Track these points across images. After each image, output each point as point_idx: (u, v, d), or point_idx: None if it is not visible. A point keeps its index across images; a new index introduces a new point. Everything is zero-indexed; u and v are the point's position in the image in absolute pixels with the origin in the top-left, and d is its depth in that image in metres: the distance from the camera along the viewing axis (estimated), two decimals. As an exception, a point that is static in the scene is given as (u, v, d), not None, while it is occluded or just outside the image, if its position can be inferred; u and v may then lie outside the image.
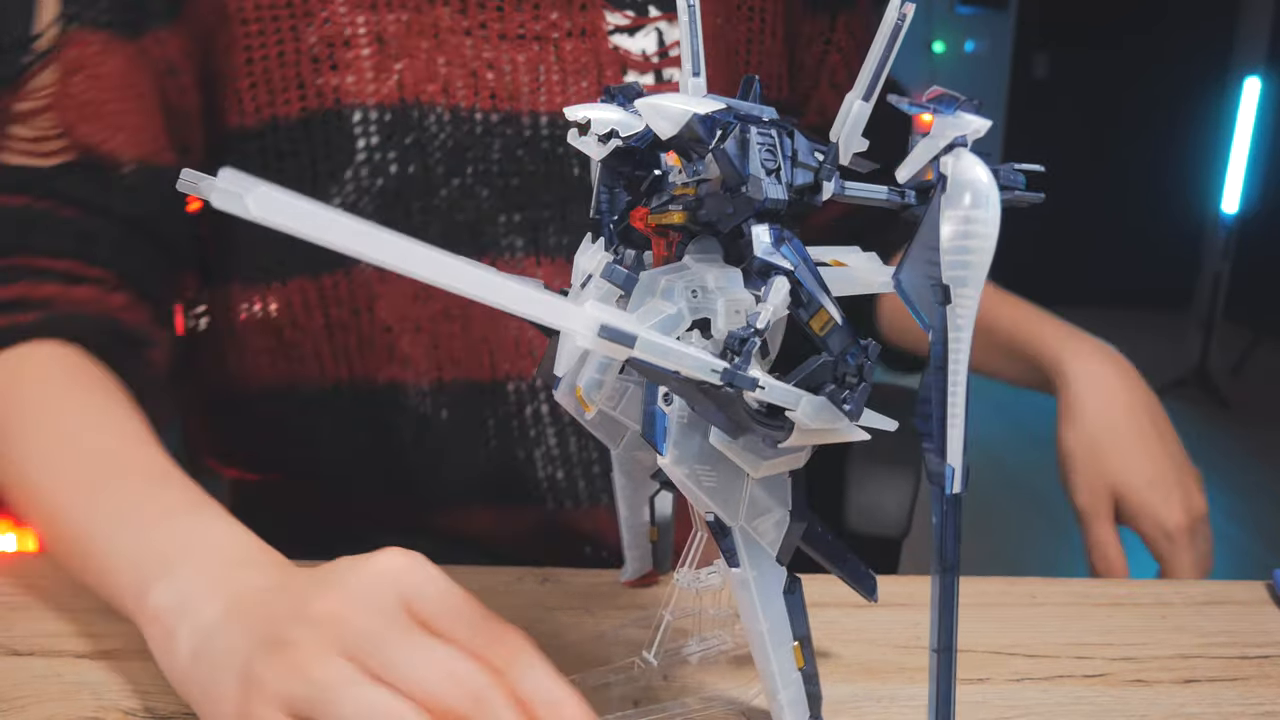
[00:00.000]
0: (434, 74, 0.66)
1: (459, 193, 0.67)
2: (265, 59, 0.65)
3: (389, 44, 0.65)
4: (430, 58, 0.65)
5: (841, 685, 0.49)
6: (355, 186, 0.66)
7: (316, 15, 0.64)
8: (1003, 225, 0.34)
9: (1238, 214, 4.01)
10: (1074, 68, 5.01)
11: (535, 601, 0.57)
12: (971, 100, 0.34)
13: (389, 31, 0.65)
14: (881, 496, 0.83)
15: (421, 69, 0.65)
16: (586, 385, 0.40)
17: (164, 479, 0.52)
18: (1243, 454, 3.29)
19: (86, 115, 0.62)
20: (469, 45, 0.66)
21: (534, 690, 0.37)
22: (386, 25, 0.65)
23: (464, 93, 0.66)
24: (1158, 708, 0.47)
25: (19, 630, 0.52)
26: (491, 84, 0.67)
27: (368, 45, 0.65)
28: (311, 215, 0.27)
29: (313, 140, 0.65)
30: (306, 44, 0.65)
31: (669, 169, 0.39)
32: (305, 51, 0.65)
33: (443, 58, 0.66)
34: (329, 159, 0.65)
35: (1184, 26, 4.91)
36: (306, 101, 0.65)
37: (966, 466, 0.35)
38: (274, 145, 0.66)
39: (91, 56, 0.62)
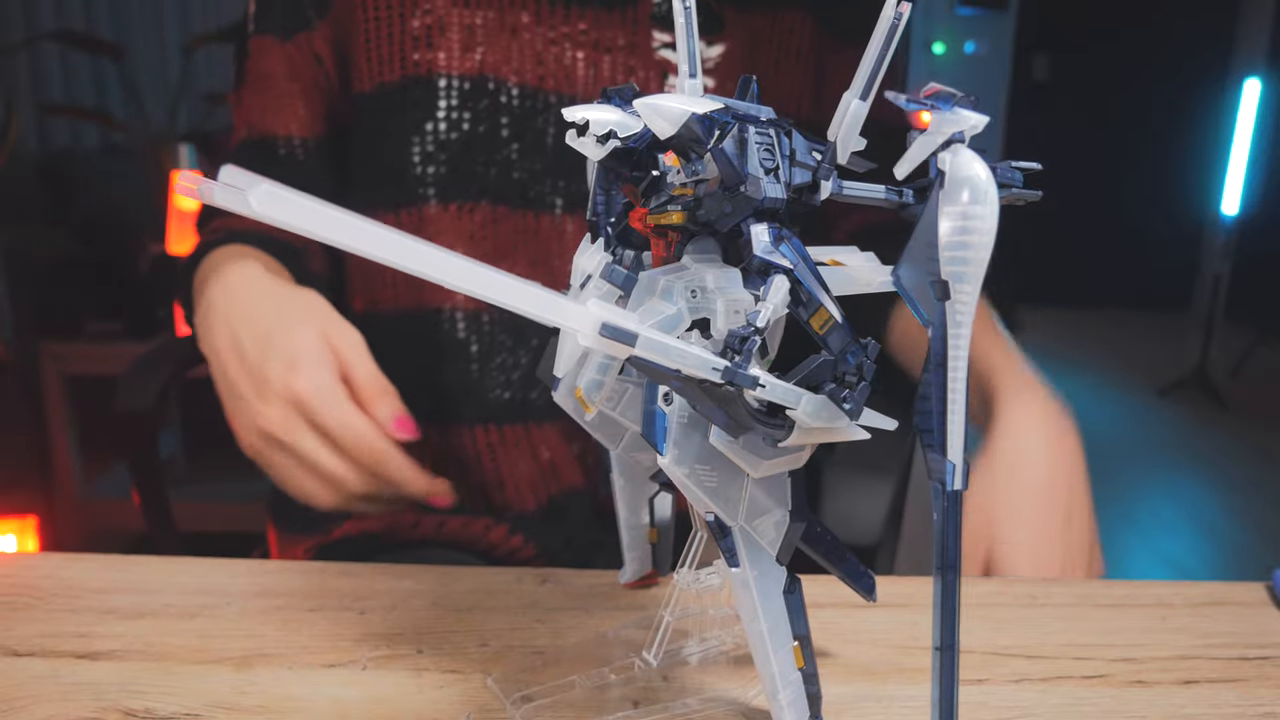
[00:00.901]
0: (508, 58, 0.80)
1: (517, 154, 0.81)
2: (378, 38, 0.81)
3: (475, 33, 0.80)
4: (507, 45, 0.80)
5: (841, 685, 0.49)
6: (435, 138, 0.80)
7: (420, 5, 0.80)
8: (1001, 226, 0.34)
9: (1238, 215, 4.01)
10: (1074, 69, 5.01)
11: (535, 601, 0.57)
12: (968, 96, 0.34)
13: (476, 23, 0.80)
14: (857, 505, 0.83)
15: (499, 53, 0.80)
16: (586, 386, 0.40)
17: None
18: (1243, 454, 3.29)
19: (261, 107, 0.84)
20: (539, 40, 0.81)
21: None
22: (475, 19, 0.80)
23: (530, 74, 0.80)
24: (1157, 709, 0.47)
25: (19, 630, 0.52)
26: (553, 70, 0.81)
27: (457, 32, 0.80)
28: (312, 212, 0.27)
29: (407, 100, 0.80)
30: (409, 27, 0.80)
31: (667, 169, 0.39)
32: (408, 33, 0.80)
33: (516, 46, 0.80)
34: (418, 115, 0.80)
35: (1184, 28, 4.91)
36: (405, 70, 0.80)
37: (967, 464, 0.35)
38: (381, 105, 0.81)
39: (259, 62, 0.84)
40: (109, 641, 0.51)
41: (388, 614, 0.55)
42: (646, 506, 0.53)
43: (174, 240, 2.23)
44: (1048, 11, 4.98)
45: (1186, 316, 4.94)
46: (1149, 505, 2.88)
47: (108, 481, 2.35)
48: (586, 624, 0.54)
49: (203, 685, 0.47)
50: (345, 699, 0.46)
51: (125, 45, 2.86)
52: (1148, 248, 5.03)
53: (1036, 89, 5.08)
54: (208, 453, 2.46)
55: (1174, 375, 3.92)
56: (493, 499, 0.81)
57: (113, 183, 2.66)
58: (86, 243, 2.46)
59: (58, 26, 2.79)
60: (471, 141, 0.81)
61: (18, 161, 2.59)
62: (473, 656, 0.50)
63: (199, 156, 2.26)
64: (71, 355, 2.19)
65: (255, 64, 0.85)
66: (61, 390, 2.18)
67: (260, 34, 0.85)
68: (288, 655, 0.50)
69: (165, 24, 3.00)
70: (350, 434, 0.59)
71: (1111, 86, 5.00)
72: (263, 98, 0.85)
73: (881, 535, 0.83)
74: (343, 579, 0.59)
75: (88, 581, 0.58)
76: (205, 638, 0.52)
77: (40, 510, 2.08)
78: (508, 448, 0.81)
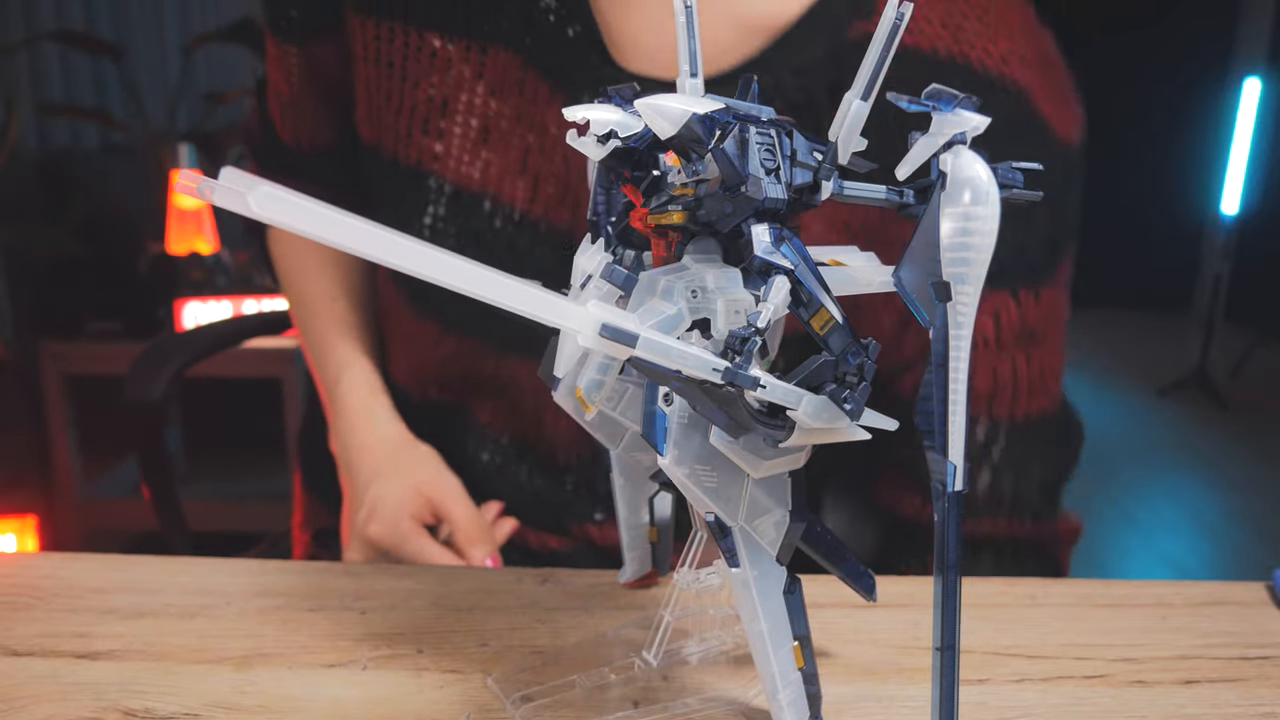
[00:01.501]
0: (514, 174, 0.71)
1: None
2: (378, 100, 0.73)
3: (486, 128, 0.71)
4: (518, 157, 0.71)
5: (841, 685, 0.49)
6: (418, 226, 0.75)
7: (425, 79, 0.71)
8: (1001, 225, 0.34)
9: (1238, 215, 4.01)
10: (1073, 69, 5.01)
11: (535, 601, 0.57)
12: (970, 98, 0.34)
13: (491, 115, 0.70)
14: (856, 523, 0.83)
15: (506, 165, 0.71)
16: (586, 386, 0.40)
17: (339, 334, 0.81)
18: (1243, 454, 3.29)
19: (271, 97, 0.81)
20: (555, 157, 0.70)
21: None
22: (490, 105, 0.70)
23: (536, 203, 0.71)
24: (1157, 709, 0.47)
25: (19, 630, 0.52)
26: (554, 196, 0.71)
27: (461, 124, 0.71)
28: (312, 213, 0.27)
29: (397, 185, 0.74)
30: (411, 101, 0.72)
31: (668, 169, 0.39)
32: (408, 109, 0.72)
33: (528, 161, 0.71)
34: (405, 206, 0.74)
35: (1184, 27, 4.91)
36: (398, 147, 0.73)
37: (968, 465, 0.35)
38: (376, 169, 0.75)
39: (279, 62, 0.78)
40: (109, 641, 0.51)
41: (388, 614, 0.55)
42: (646, 506, 0.53)
43: (174, 240, 2.23)
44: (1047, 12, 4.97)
45: (1186, 316, 4.93)
46: (1149, 505, 2.88)
47: (108, 481, 2.35)
48: (586, 624, 0.54)
49: (203, 685, 0.47)
50: (345, 699, 0.46)
51: (125, 45, 2.86)
52: (1148, 248, 5.03)
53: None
54: (207, 452, 2.46)
55: (1174, 375, 3.92)
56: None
57: (113, 183, 2.66)
58: (86, 243, 2.46)
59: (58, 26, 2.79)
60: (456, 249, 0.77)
61: (18, 161, 2.58)
62: (473, 656, 0.50)
63: (199, 156, 2.26)
64: (71, 355, 2.18)
65: (272, 68, 0.81)
66: (61, 390, 2.18)
67: (274, 38, 0.79)
68: (288, 655, 0.50)
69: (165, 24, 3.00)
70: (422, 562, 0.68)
71: (1111, 86, 5.00)
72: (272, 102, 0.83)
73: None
74: (343, 579, 0.59)
75: (88, 581, 0.58)
76: (205, 638, 0.52)
77: (40, 510, 2.08)
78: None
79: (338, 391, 0.79)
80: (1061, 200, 0.70)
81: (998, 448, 0.72)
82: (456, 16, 0.70)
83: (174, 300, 2.13)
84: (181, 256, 2.19)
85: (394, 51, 0.71)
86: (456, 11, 0.70)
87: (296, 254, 0.86)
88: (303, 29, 0.77)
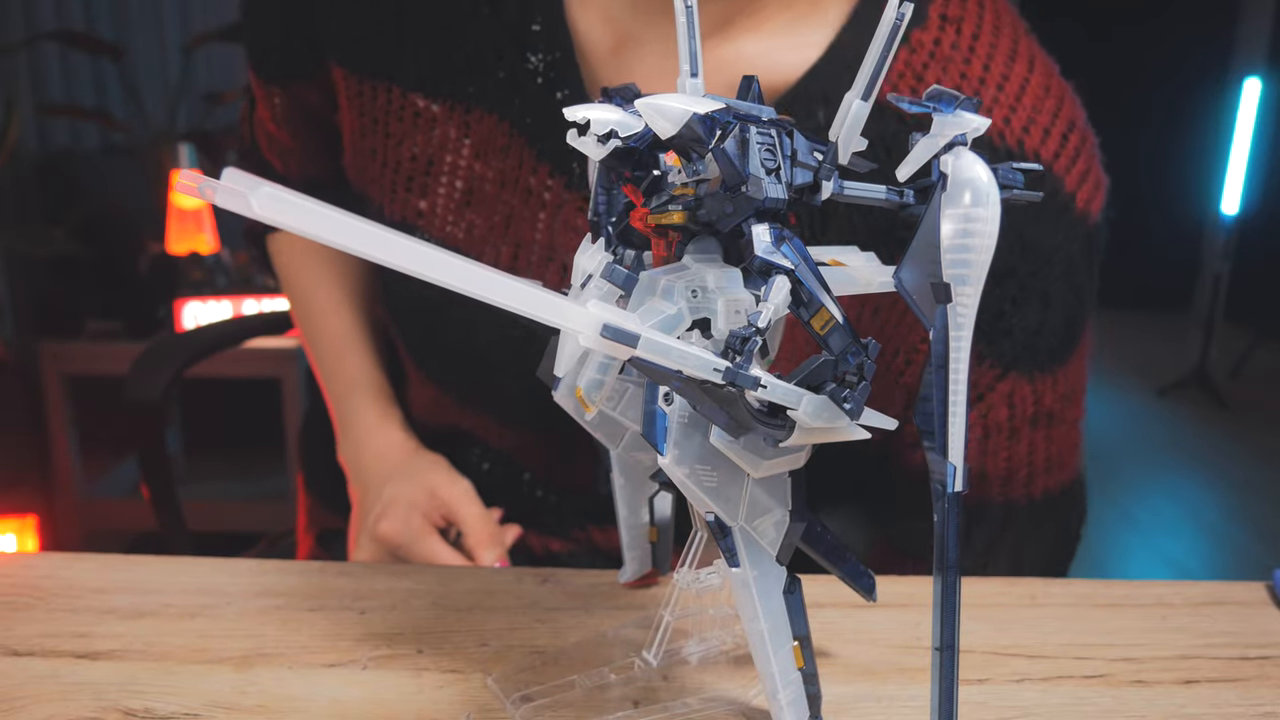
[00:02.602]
0: (498, 237, 0.69)
1: (480, 354, 0.73)
2: (361, 153, 0.72)
3: (471, 189, 0.69)
4: (502, 220, 0.69)
5: (841, 685, 0.49)
6: (396, 299, 0.77)
7: (409, 138, 0.69)
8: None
9: (1238, 215, 4.01)
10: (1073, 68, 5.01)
11: (535, 601, 0.57)
12: (970, 99, 0.34)
13: (475, 177, 0.68)
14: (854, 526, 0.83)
15: (490, 228, 0.69)
16: (587, 386, 0.40)
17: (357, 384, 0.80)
18: (1243, 454, 3.29)
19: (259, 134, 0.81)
20: (539, 222, 0.68)
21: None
22: (474, 170, 0.68)
23: (518, 267, 0.70)
24: (1157, 708, 0.47)
25: (19, 630, 0.52)
26: (538, 261, 0.70)
27: (446, 184, 0.69)
28: (314, 214, 0.27)
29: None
30: (395, 158, 0.70)
31: (668, 169, 0.39)
32: (393, 165, 0.70)
33: (510, 225, 0.69)
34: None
35: (1184, 27, 4.91)
36: (383, 201, 0.72)
37: (968, 466, 0.35)
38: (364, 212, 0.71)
39: (264, 99, 0.77)
40: (109, 641, 0.51)
41: (388, 614, 0.55)
42: (646, 506, 0.53)
43: (174, 240, 2.23)
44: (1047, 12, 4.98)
45: (1186, 316, 4.94)
46: (1149, 505, 2.88)
47: (108, 481, 2.35)
48: (586, 624, 0.54)
49: (203, 685, 0.47)
50: (345, 699, 0.46)
51: (125, 45, 2.86)
52: (1148, 247, 5.03)
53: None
54: (207, 452, 2.46)
55: (1174, 375, 3.92)
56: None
57: (113, 183, 2.66)
58: (86, 243, 2.46)
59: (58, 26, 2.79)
60: (432, 324, 0.74)
61: (18, 161, 2.59)
62: (473, 656, 0.50)
63: (199, 156, 2.26)
64: (71, 355, 2.19)
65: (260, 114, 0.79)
66: (61, 390, 2.18)
67: (258, 78, 0.77)
68: (288, 655, 0.50)
69: (165, 24, 3.00)
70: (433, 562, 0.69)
71: (1111, 86, 5.00)
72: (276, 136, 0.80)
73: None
74: (343, 579, 0.59)
75: (88, 581, 0.58)
76: (205, 638, 0.52)
77: (40, 510, 2.09)
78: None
79: (349, 404, 0.79)
80: (1081, 277, 0.67)
81: (1011, 531, 0.71)
82: (441, 78, 0.67)
83: (174, 300, 2.13)
84: (181, 256, 2.19)
85: (378, 109, 0.69)
86: (441, 73, 0.67)
87: (301, 263, 0.85)
88: (284, 72, 0.75)
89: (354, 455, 0.77)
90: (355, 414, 0.78)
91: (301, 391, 2.09)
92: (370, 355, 0.82)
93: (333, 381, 0.81)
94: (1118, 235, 0.75)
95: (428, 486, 0.71)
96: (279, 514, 2.07)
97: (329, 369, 0.82)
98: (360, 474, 0.76)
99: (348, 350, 0.81)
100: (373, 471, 0.75)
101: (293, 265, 0.85)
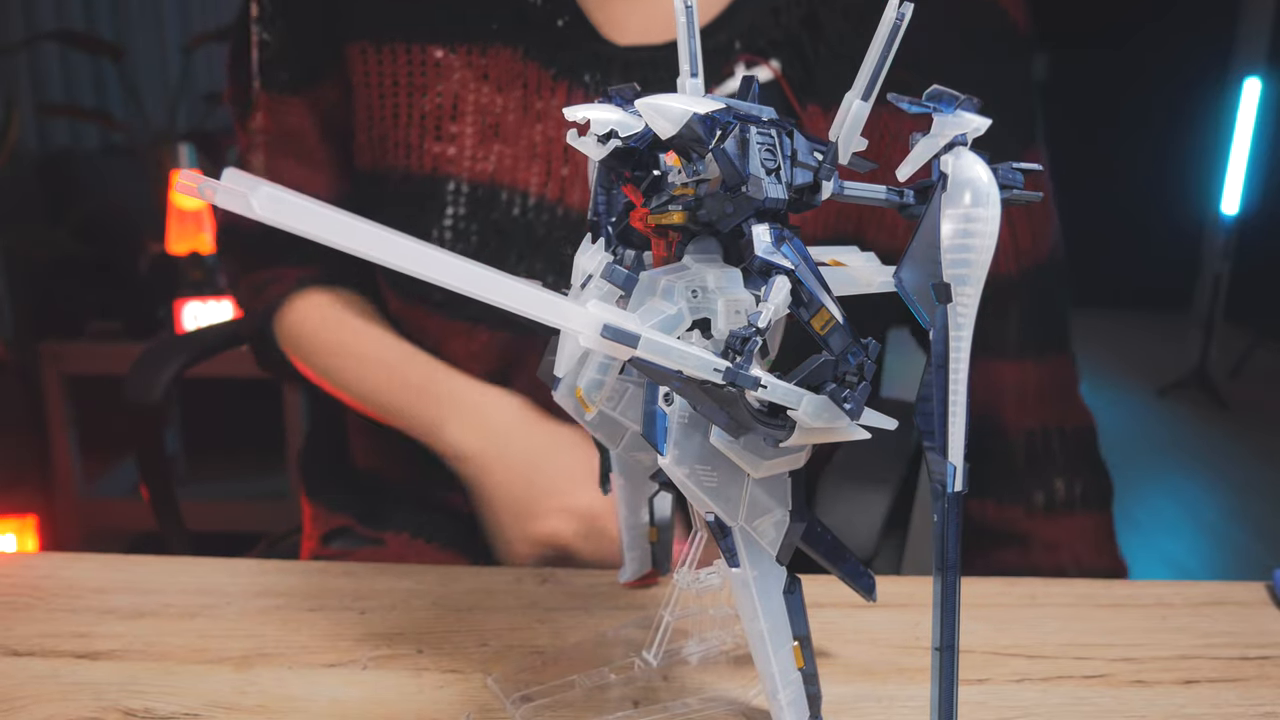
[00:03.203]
0: (526, 161, 0.73)
1: (523, 271, 0.73)
2: (382, 120, 0.74)
3: (495, 123, 0.73)
4: (528, 145, 0.73)
5: (841, 685, 0.49)
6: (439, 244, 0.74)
7: (431, 89, 0.73)
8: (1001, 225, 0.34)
9: (1238, 215, 4.00)
10: (1073, 69, 5.01)
11: (535, 601, 0.57)
12: (971, 99, 0.34)
13: (498, 110, 0.73)
14: (852, 517, 0.83)
15: (518, 155, 0.73)
16: (587, 386, 0.40)
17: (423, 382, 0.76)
18: (1243, 454, 3.29)
19: (275, 171, 0.80)
20: (564, 138, 0.71)
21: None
22: (496, 104, 0.73)
23: (550, 186, 0.73)
24: (1157, 709, 0.47)
25: (19, 630, 0.52)
26: (568, 177, 0.73)
27: (473, 121, 0.73)
28: (314, 215, 0.27)
29: (412, 196, 0.74)
30: (419, 112, 0.73)
31: (668, 169, 0.39)
32: (416, 120, 0.73)
33: (538, 148, 0.73)
34: (423, 214, 0.74)
35: (1184, 27, 4.91)
36: (409, 160, 0.74)
37: (968, 466, 0.35)
38: (381, 193, 0.76)
39: (271, 123, 0.79)
40: (109, 641, 0.51)
41: (388, 614, 0.55)
42: (646, 506, 0.53)
43: (174, 240, 2.23)
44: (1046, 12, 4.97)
45: (1186, 316, 4.93)
46: (1149, 505, 2.88)
47: (108, 481, 2.35)
48: (586, 624, 0.54)
49: (203, 685, 0.47)
50: (345, 699, 0.46)
51: (125, 45, 2.86)
52: (1148, 247, 5.03)
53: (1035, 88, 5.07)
54: (207, 452, 2.46)
55: (1174, 375, 3.92)
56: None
57: (113, 183, 2.66)
58: (86, 243, 2.46)
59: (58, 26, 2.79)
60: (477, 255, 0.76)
61: (18, 161, 2.58)
62: (473, 656, 0.50)
63: (199, 156, 2.26)
64: (71, 355, 2.18)
65: (265, 125, 0.80)
66: (61, 390, 2.18)
67: (271, 91, 0.79)
68: (288, 655, 0.50)
69: (165, 24, 3.00)
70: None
71: (1111, 86, 4.99)
72: (274, 160, 0.80)
73: (875, 549, 0.83)
74: (343, 579, 0.59)
75: (88, 581, 0.58)
76: (205, 638, 0.52)
77: (40, 510, 2.08)
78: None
79: (447, 389, 0.74)
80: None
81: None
82: (454, 25, 0.73)
83: (174, 300, 2.13)
84: (181, 256, 2.19)
85: (398, 70, 0.74)
86: (454, 20, 0.73)
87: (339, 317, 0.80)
88: (307, 75, 0.77)
89: (479, 434, 0.72)
90: (462, 394, 0.74)
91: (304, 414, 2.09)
92: (465, 368, 0.77)
93: (405, 391, 0.76)
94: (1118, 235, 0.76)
95: (587, 502, 0.68)
96: (279, 514, 2.07)
97: (398, 383, 0.76)
98: (526, 479, 0.71)
99: (407, 357, 0.77)
100: (544, 470, 0.70)
101: (328, 322, 0.80)
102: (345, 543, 0.83)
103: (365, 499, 0.85)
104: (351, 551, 0.82)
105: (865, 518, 0.83)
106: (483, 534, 0.74)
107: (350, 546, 0.82)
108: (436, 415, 0.74)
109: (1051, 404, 0.78)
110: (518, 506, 0.70)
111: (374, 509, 0.83)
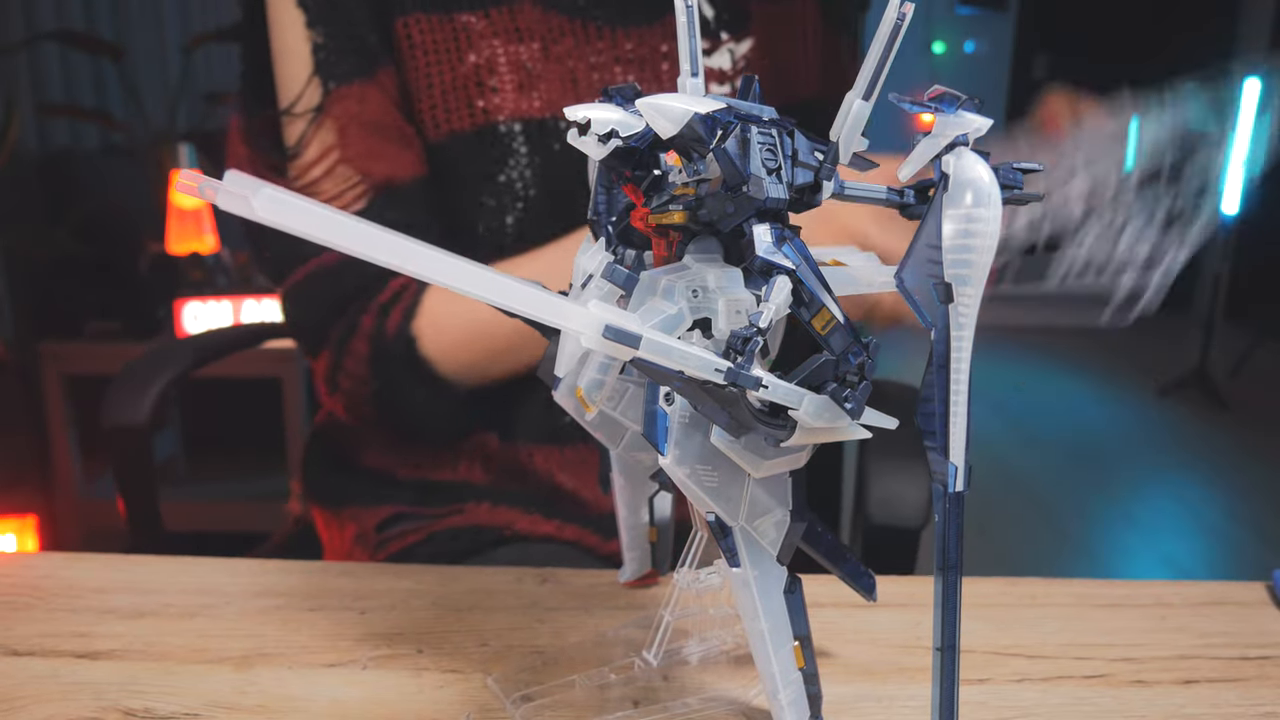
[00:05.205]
0: (564, 92, 0.79)
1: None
2: (441, 83, 0.78)
3: (528, 71, 0.79)
4: (562, 81, 0.79)
5: (841, 685, 0.49)
6: (509, 189, 0.78)
7: (473, 45, 0.78)
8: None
9: (1237, 215, 4.00)
10: (1074, 68, 5.02)
11: (535, 601, 0.57)
12: (972, 99, 0.34)
13: (526, 61, 0.79)
14: (902, 489, 0.83)
15: (563, 90, 0.79)
16: (587, 386, 0.40)
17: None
18: (1243, 454, 3.29)
19: (374, 155, 0.77)
20: (590, 68, 0.80)
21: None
22: (523, 55, 0.79)
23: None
24: (1157, 709, 0.47)
25: (19, 630, 0.52)
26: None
27: (510, 72, 0.78)
28: (314, 215, 0.27)
29: (480, 147, 0.78)
30: (463, 69, 0.78)
31: (669, 169, 0.39)
32: (462, 83, 0.77)
33: (571, 80, 0.79)
34: (486, 164, 0.78)
35: (1184, 27, 4.91)
36: (473, 118, 0.78)
37: (969, 465, 0.35)
38: (450, 154, 0.78)
39: (355, 108, 0.77)
40: (109, 641, 0.51)
41: (388, 614, 0.55)
42: (646, 506, 0.53)
43: (174, 240, 2.23)
44: (1047, 11, 4.97)
45: (1186, 316, 4.93)
46: (1149, 505, 2.88)
47: (108, 481, 2.34)
48: (586, 624, 0.54)
49: (203, 685, 0.47)
50: (345, 699, 0.46)
51: (125, 45, 2.85)
52: (1147, 248, 5.03)
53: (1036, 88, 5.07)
54: (207, 452, 2.46)
55: (1174, 375, 3.91)
56: (559, 505, 0.81)
57: (113, 183, 2.65)
58: (86, 243, 2.46)
59: (58, 26, 2.79)
60: (550, 187, 0.78)
61: (18, 161, 2.58)
62: (473, 656, 0.50)
63: (199, 156, 2.26)
64: (71, 355, 2.18)
65: (351, 112, 0.77)
66: (61, 390, 2.18)
67: (343, 84, 0.77)
68: (288, 655, 0.50)
69: (165, 24, 2.99)
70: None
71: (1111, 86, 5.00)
72: (370, 143, 0.78)
73: (926, 518, 0.83)
74: (343, 579, 0.59)
75: (88, 581, 0.58)
76: (205, 638, 0.52)
77: (40, 510, 2.08)
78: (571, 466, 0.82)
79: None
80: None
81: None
82: None
83: (174, 300, 2.13)
84: (181, 256, 2.19)
85: (441, 41, 0.78)
86: None
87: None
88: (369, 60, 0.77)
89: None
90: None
91: (302, 393, 2.09)
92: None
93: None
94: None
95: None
96: (279, 514, 2.06)
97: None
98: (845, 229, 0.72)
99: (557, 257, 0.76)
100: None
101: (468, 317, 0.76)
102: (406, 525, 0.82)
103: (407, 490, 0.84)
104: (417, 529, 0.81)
105: (913, 490, 0.83)
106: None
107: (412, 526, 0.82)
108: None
109: None
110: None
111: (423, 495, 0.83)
